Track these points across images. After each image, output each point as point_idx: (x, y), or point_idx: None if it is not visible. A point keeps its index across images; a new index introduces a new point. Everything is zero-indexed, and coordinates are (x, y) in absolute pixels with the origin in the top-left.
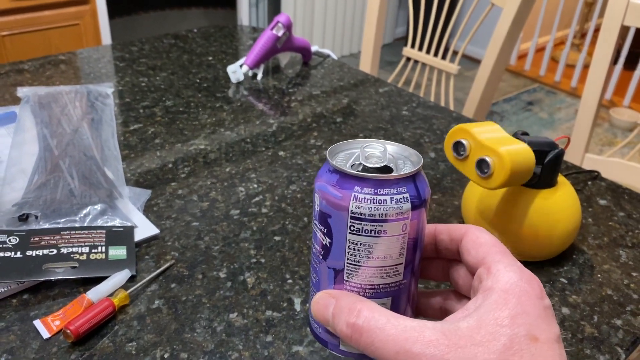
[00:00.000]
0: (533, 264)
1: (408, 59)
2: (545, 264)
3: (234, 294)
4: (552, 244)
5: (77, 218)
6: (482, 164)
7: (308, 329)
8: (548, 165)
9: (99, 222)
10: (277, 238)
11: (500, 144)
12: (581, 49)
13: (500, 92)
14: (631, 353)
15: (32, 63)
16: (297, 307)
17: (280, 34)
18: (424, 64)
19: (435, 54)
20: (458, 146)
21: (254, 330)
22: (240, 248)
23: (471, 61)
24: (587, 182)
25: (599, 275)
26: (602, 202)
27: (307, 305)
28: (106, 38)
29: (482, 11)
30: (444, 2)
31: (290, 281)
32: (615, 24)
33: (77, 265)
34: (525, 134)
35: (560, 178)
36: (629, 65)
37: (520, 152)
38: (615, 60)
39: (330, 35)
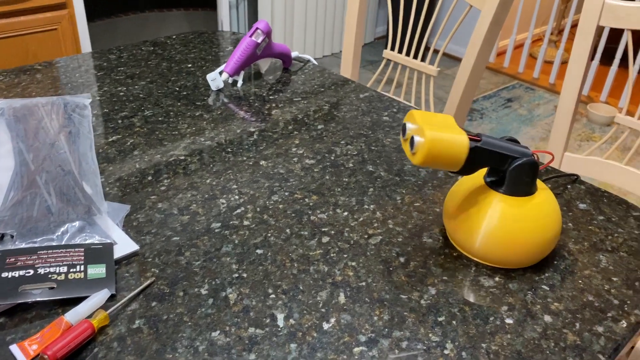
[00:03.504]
0: (515, 271)
1: (389, 60)
2: (527, 270)
3: (215, 311)
4: (531, 251)
5: (55, 236)
6: (412, 142)
7: (292, 345)
8: (513, 173)
9: (77, 240)
10: (259, 251)
11: (432, 129)
12: (558, 45)
13: (479, 90)
14: None
15: (6, 73)
16: (280, 323)
17: (259, 40)
18: (404, 65)
19: (416, 55)
20: (404, 128)
21: (237, 349)
22: (222, 263)
23: (452, 59)
24: (566, 185)
25: (580, 282)
26: (582, 205)
27: (291, 321)
28: (85, 42)
29: (461, 10)
30: (423, 2)
31: (273, 296)
32: (591, 24)
33: (55, 286)
34: (513, 140)
35: (540, 185)
36: (605, 61)
37: (445, 140)
38: (591, 57)
39: (311, 35)
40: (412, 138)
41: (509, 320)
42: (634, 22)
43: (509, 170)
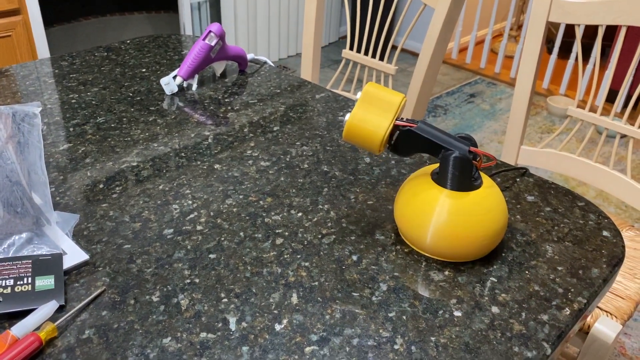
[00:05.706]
0: (464, 265)
1: (350, 60)
2: (476, 263)
3: (167, 318)
4: (478, 244)
5: (1, 249)
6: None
7: (243, 348)
8: (445, 164)
9: (25, 252)
10: (212, 256)
11: (360, 110)
12: (518, 40)
13: (443, 86)
14: (557, 347)
15: None
16: (232, 326)
17: (213, 43)
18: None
19: (374, 54)
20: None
21: (188, 354)
22: (174, 269)
23: (414, 56)
24: (515, 179)
25: (527, 272)
26: (530, 198)
27: (243, 324)
28: (43, 49)
29: (418, 7)
30: (379, 1)
31: (225, 300)
32: (541, 20)
33: (1, 300)
34: (467, 137)
35: (487, 180)
36: (563, 54)
37: (364, 122)
38: (550, 50)
39: (274, 35)
40: (346, 113)
41: (457, 313)
42: (581, 17)
43: (441, 160)
